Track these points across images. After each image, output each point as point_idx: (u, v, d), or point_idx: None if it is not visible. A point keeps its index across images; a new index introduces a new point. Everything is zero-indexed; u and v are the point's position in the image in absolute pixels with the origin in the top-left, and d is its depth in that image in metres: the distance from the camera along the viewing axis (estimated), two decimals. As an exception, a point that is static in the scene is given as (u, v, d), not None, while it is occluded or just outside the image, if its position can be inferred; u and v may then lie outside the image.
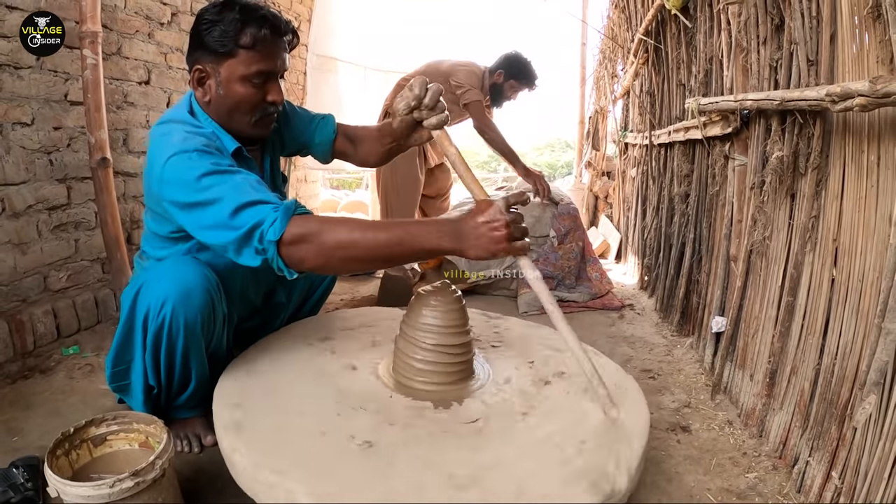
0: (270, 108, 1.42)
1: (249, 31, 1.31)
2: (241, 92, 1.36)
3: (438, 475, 1.02)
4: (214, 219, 1.19)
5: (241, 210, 1.17)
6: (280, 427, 1.15)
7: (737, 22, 1.86)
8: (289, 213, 1.17)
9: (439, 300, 1.36)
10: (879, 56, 1.19)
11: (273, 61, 1.36)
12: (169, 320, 1.30)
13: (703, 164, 2.35)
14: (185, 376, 1.43)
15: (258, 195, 1.20)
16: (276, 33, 1.35)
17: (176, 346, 1.35)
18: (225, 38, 1.31)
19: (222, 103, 1.38)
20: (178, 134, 1.30)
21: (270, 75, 1.38)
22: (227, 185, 1.20)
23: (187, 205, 1.22)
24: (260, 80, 1.36)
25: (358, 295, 3.16)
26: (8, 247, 1.98)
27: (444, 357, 1.34)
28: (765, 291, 1.71)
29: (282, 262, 1.18)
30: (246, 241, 1.17)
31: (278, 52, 1.38)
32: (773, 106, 1.54)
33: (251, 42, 1.32)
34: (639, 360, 2.25)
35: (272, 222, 1.15)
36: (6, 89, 1.94)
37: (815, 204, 1.48)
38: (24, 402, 1.73)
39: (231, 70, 1.34)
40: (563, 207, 3.16)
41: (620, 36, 3.96)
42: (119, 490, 1.05)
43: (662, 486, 1.41)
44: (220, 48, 1.32)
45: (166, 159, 1.24)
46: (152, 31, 2.65)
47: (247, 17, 1.31)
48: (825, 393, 1.34)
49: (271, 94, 1.39)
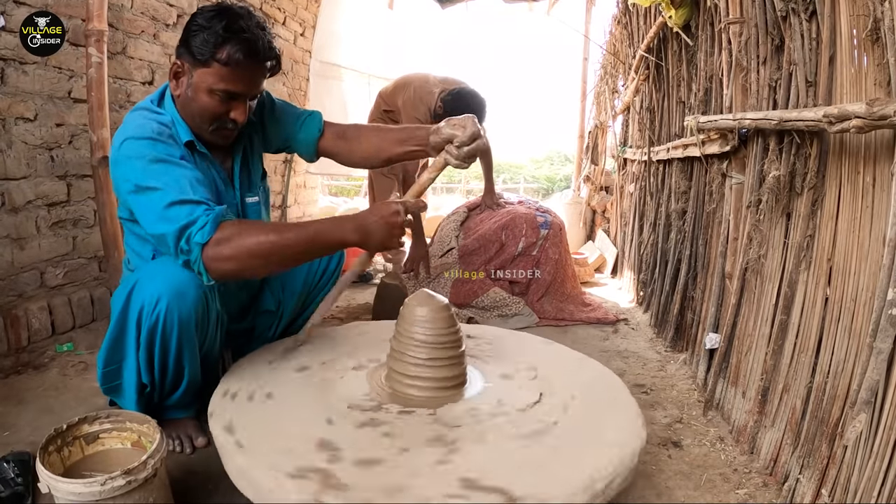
0: (230, 125, 1.42)
1: (227, 49, 1.32)
2: (206, 102, 1.37)
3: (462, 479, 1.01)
4: (153, 207, 1.24)
5: (175, 205, 1.22)
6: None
7: (737, 41, 1.89)
8: (218, 218, 1.22)
9: (427, 309, 1.36)
10: (877, 79, 1.21)
11: (242, 84, 1.37)
12: (163, 317, 1.30)
13: (701, 181, 2.37)
14: (178, 374, 1.42)
15: (194, 195, 1.24)
16: (254, 58, 1.35)
17: (170, 343, 1.35)
18: (204, 48, 1.33)
19: (187, 105, 1.41)
20: (137, 120, 1.36)
21: (237, 96, 1.39)
22: (169, 176, 1.26)
23: (134, 188, 1.28)
24: (226, 97, 1.37)
25: (353, 303, 3.16)
26: (6, 241, 1.98)
27: (438, 364, 1.34)
28: (759, 309, 1.72)
29: (202, 266, 1.22)
30: (175, 238, 1.22)
31: (252, 76, 1.39)
32: (771, 125, 1.55)
33: (226, 59, 1.32)
34: (632, 374, 2.25)
35: (202, 225, 1.20)
36: (10, 84, 1.95)
37: (810, 223, 1.49)
38: (17, 397, 1.73)
39: (202, 78, 1.36)
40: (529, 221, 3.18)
41: (622, 52, 3.99)
42: (110, 488, 1.05)
43: (652, 501, 1.41)
44: (198, 55, 1.34)
45: (120, 143, 1.32)
46: (158, 32, 2.67)
47: (229, 35, 1.32)
48: (816, 411, 1.35)
49: (234, 112, 1.40)
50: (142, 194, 1.27)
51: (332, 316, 2.84)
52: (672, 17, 2.50)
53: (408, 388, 1.32)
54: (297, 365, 1.47)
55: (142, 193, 1.27)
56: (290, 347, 1.57)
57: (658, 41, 3.04)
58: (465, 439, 1.15)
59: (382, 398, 1.31)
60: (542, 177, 18.06)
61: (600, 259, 4.46)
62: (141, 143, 1.30)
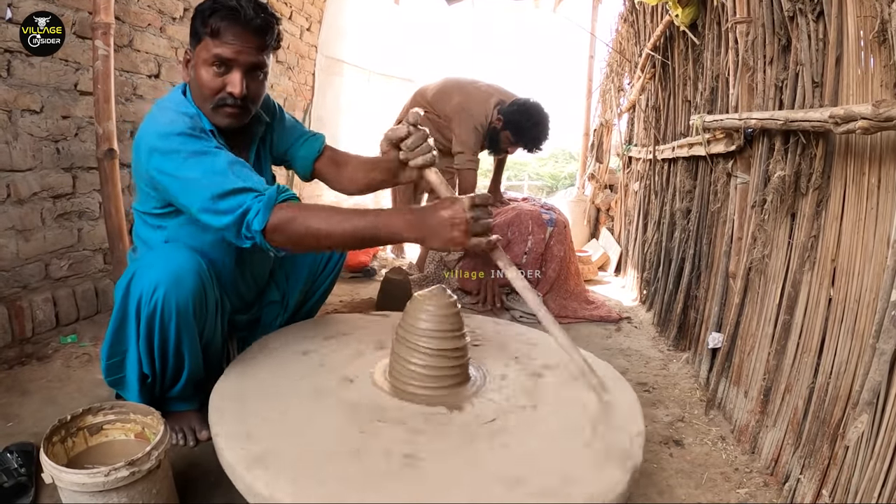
0: (228, 100, 1.40)
1: (216, 17, 1.35)
2: (203, 76, 1.39)
3: (487, 477, 1.02)
4: (202, 200, 1.27)
5: (226, 197, 1.26)
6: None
7: (744, 41, 1.88)
8: (270, 203, 1.26)
9: (434, 304, 1.36)
10: (883, 80, 1.21)
11: (230, 49, 1.36)
12: (161, 305, 1.31)
13: (706, 180, 2.37)
14: (178, 363, 1.43)
15: (242, 182, 1.27)
16: (237, 20, 1.35)
17: (168, 331, 1.35)
18: (199, 24, 1.37)
19: (193, 86, 1.44)
20: (170, 114, 1.38)
21: (229, 63, 1.38)
22: (213, 165, 1.29)
23: (173, 179, 1.31)
24: (220, 67, 1.38)
25: (357, 297, 3.17)
26: (11, 233, 1.99)
27: (443, 361, 1.33)
28: (762, 309, 1.72)
29: (268, 245, 1.29)
30: (236, 228, 1.27)
31: (242, 42, 1.37)
32: (777, 125, 1.55)
33: (213, 29, 1.36)
34: (634, 373, 2.25)
35: (256, 213, 1.24)
36: (17, 76, 1.95)
37: (814, 224, 1.49)
38: (21, 388, 1.74)
39: (199, 54, 1.40)
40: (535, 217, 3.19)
41: (628, 50, 3.98)
42: (114, 479, 1.06)
43: (654, 499, 1.42)
44: (194, 35, 1.40)
45: (157, 134, 1.33)
46: (164, 26, 2.67)
47: (217, 5, 1.36)
48: (818, 411, 1.35)
49: (229, 84, 1.39)
50: (188, 187, 1.29)
51: (334, 311, 2.85)
52: (679, 16, 2.49)
53: (409, 385, 1.32)
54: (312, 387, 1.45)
55: (189, 186, 1.29)
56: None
57: (664, 40, 3.03)
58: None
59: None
60: (546, 174, 18.00)
61: (604, 257, 4.45)
62: (180, 139, 1.32)
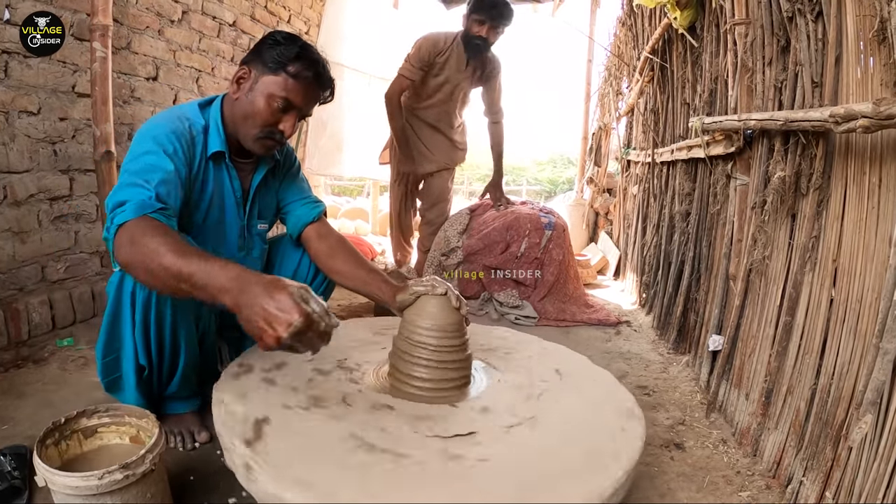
0: (277, 135, 1.49)
1: (299, 65, 1.44)
2: (262, 106, 1.45)
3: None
4: (114, 190, 1.27)
5: (128, 186, 1.25)
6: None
7: (743, 42, 1.88)
8: (141, 209, 1.19)
9: (435, 306, 1.35)
10: (883, 79, 1.21)
11: (301, 99, 1.47)
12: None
13: (705, 182, 2.36)
14: (174, 348, 1.41)
15: (148, 181, 1.27)
16: (318, 80, 1.49)
17: (164, 313, 1.35)
18: (279, 59, 1.44)
19: (243, 107, 1.48)
20: (163, 116, 1.47)
21: (292, 108, 1.48)
22: (145, 161, 1.31)
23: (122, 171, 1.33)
24: (283, 106, 1.46)
25: (356, 302, 3.16)
26: (7, 235, 1.98)
27: (447, 360, 1.33)
28: (763, 311, 1.71)
29: (111, 246, 1.20)
30: (110, 212, 1.23)
31: (311, 94, 1.50)
32: (776, 126, 1.55)
33: (295, 73, 1.44)
34: (634, 376, 2.24)
35: (125, 209, 1.20)
36: (14, 77, 1.95)
37: (815, 224, 1.48)
38: (16, 391, 1.72)
39: (266, 85, 1.45)
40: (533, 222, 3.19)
41: (627, 54, 3.99)
42: (108, 482, 1.04)
43: (655, 502, 1.41)
44: (270, 63, 1.45)
45: (137, 132, 1.42)
46: (162, 28, 2.67)
47: (303, 54, 1.46)
48: (821, 413, 1.34)
49: (283, 122, 1.48)
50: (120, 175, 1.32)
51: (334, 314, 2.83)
52: (677, 19, 2.49)
53: (409, 387, 1.32)
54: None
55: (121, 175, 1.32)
56: None
57: (663, 43, 3.04)
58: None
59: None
60: (545, 179, 18.05)
61: (603, 261, 4.45)
62: (146, 135, 1.38)
